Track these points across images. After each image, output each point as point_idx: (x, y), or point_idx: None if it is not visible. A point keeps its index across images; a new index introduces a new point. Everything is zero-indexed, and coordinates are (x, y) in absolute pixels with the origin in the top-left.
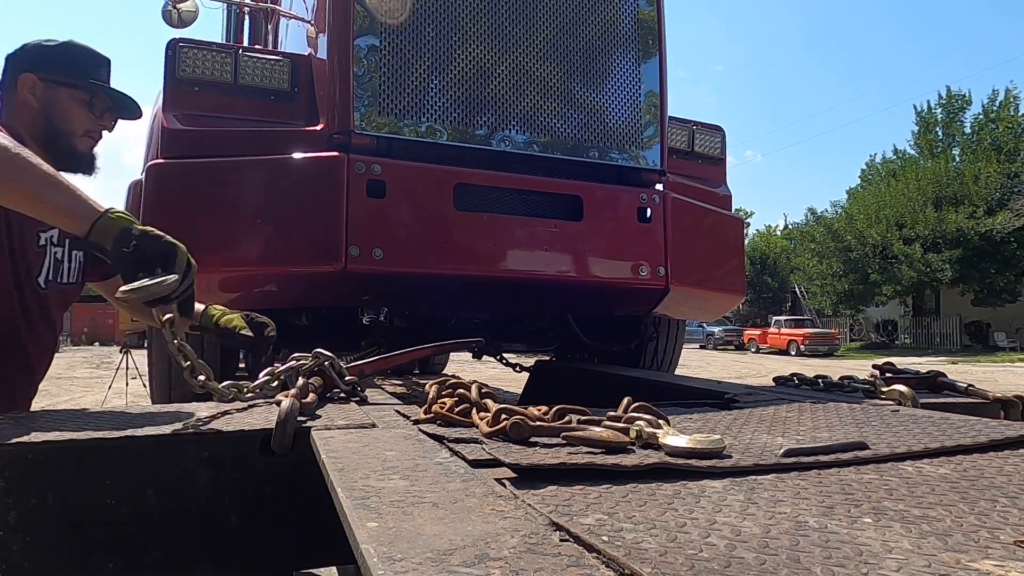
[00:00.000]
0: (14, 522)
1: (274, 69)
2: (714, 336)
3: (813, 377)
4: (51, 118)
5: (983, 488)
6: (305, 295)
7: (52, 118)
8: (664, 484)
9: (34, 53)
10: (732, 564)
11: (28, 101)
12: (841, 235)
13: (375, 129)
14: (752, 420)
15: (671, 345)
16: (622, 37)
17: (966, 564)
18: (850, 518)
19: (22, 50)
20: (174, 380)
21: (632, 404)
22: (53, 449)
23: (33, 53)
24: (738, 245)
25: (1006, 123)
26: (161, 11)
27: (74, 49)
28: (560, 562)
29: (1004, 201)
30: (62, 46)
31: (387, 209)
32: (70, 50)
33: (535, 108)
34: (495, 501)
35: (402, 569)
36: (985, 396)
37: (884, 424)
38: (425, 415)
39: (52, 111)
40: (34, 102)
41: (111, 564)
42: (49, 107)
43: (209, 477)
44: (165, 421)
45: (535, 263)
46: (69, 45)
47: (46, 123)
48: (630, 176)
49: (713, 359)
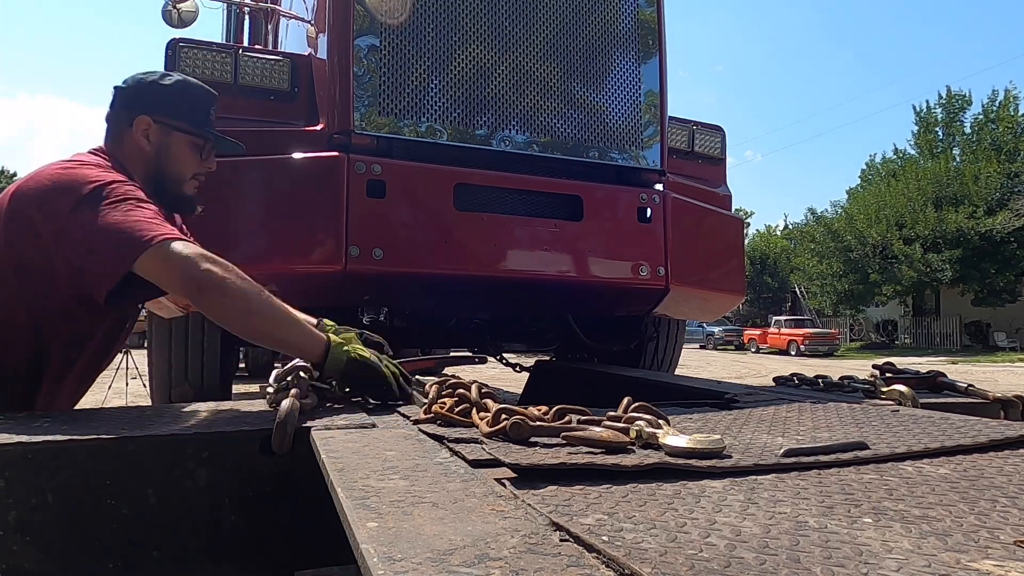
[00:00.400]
0: (14, 522)
1: (274, 69)
2: (714, 336)
3: (813, 377)
4: (163, 164)
5: (983, 488)
6: (305, 295)
7: (164, 164)
8: (664, 484)
9: (151, 92)
10: (732, 564)
11: (141, 144)
12: (841, 235)
13: (375, 129)
14: (752, 420)
15: (671, 345)
16: (622, 37)
17: (966, 564)
18: (850, 518)
19: (138, 86)
20: (174, 380)
21: (632, 404)
22: (53, 449)
23: (150, 92)
24: (738, 245)
25: (1006, 123)
26: (161, 11)
27: (189, 90)
28: (560, 562)
29: (1004, 201)
30: (178, 86)
31: (387, 209)
32: (185, 91)
33: (535, 108)
34: (495, 501)
35: (402, 569)
36: (985, 396)
37: (884, 424)
38: (425, 415)
39: (165, 157)
40: (147, 145)
41: (111, 564)
42: (162, 152)
43: (209, 477)
44: (165, 421)
45: (535, 263)
46: (185, 85)
47: (158, 169)
48: (630, 176)
49: (713, 359)
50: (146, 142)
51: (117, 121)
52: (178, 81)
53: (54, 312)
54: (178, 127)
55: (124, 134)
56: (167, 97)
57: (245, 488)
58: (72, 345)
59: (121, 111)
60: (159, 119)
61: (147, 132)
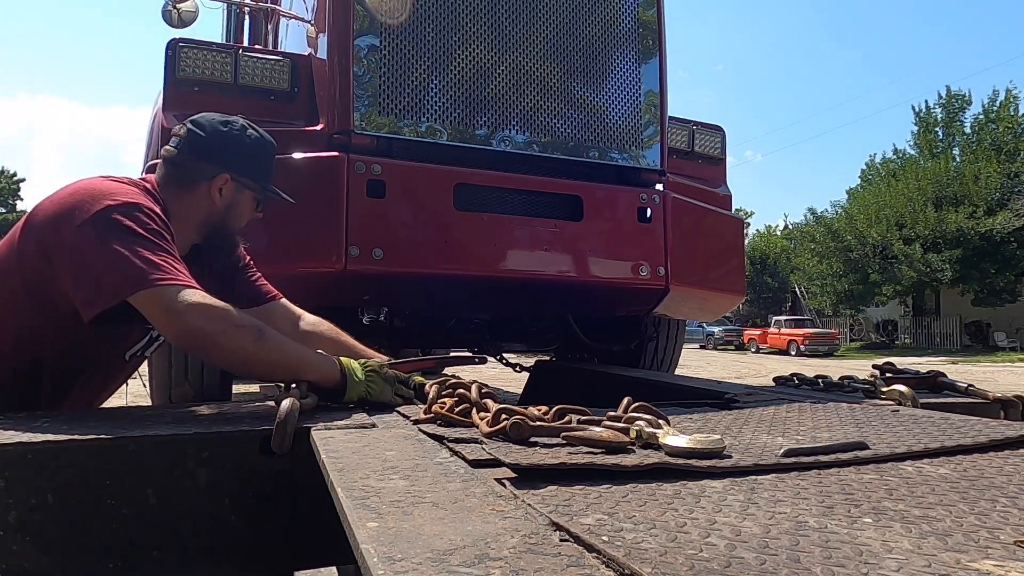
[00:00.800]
0: (14, 522)
1: (274, 69)
2: (714, 336)
3: (813, 377)
4: (228, 218)
5: (983, 488)
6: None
7: (229, 218)
8: (664, 484)
9: (232, 147)
10: (732, 564)
11: (214, 198)
12: (841, 235)
13: (375, 129)
14: (752, 420)
15: (671, 345)
16: (622, 37)
17: (966, 564)
18: (850, 518)
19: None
20: (174, 380)
21: (632, 404)
22: (53, 449)
23: (231, 147)
24: (738, 245)
25: (1006, 123)
26: (161, 11)
27: (265, 147)
28: (560, 562)
29: (1004, 201)
30: (256, 142)
31: (387, 209)
32: (261, 147)
33: (535, 108)
34: (495, 501)
35: (402, 569)
36: (985, 396)
37: (884, 424)
38: (425, 415)
39: (232, 212)
40: (219, 201)
41: (111, 564)
42: (231, 208)
43: (209, 477)
44: (165, 421)
45: (535, 263)
46: (263, 143)
47: (222, 222)
48: (630, 176)
49: (713, 359)
50: (219, 197)
51: (189, 168)
52: (255, 138)
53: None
54: (251, 187)
55: (198, 185)
56: (247, 155)
57: (245, 488)
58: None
59: (198, 162)
60: (235, 177)
61: (223, 188)
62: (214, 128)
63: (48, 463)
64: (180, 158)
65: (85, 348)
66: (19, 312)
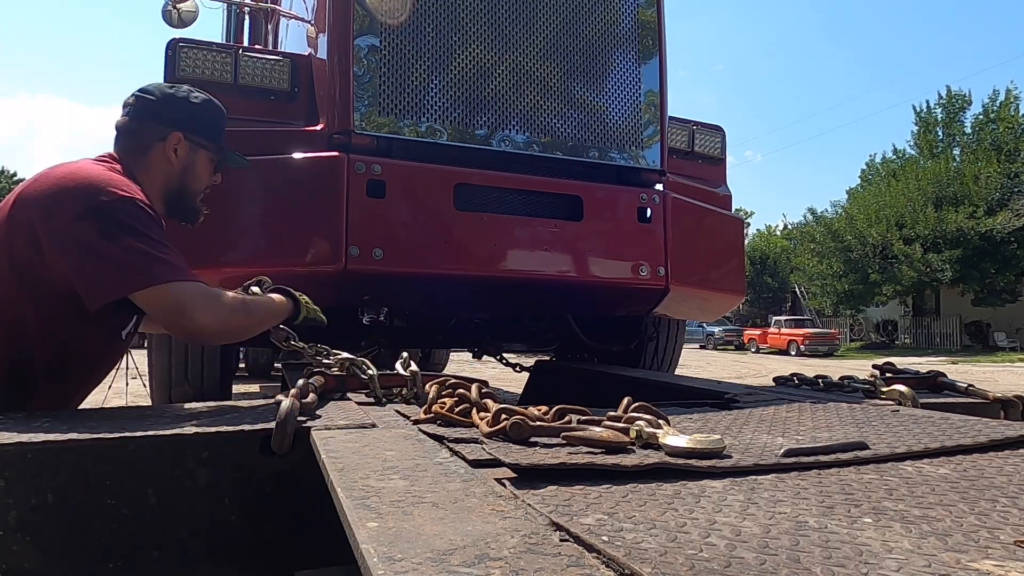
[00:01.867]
0: (14, 522)
1: (274, 69)
2: (714, 336)
3: (813, 377)
4: (186, 179)
5: (983, 488)
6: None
7: (187, 179)
8: (664, 484)
9: (183, 109)
10: (732, 564)
11: (170, 159)
12: (841, 235)
13: (375, 129)
14: (752, 420)
15: (671, 345)
16: (622, 37)
17: (966, 564)
18: (850, 518)
19: (169, 100)
20: (174, 380)
21: (632, 404)
22: (53, 449)
23: (182, 108)
24: (738, 245)
25: (1006, 123)
26: (161, 11)
27: (214, 108)
28: (560, 562)
29: (1004, 201)
30: (206, 105)
31: (387, 209)
32: (211, 109)
33: (535, 108)
34: (495, 501)
35: (402, 569)
36: (985, 396)
37: (884, 424)
38: (425, 415)
39: (189, 173)
40: (175, 161)
41: (111, 564)
42: (188, 168)
43: (209, 477)
44: (165, 421)
45: (535, 263)
46: (211, 104)
47: (180, 183)
48: (630, 176)
49: (713, 359)
50: (174, 157)
51: (143, 133)
52: (205, 99)
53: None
54: (204, 145)
55: (152, 147)
56: (198, 115)
57: (245, 488)
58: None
59: (151, 123)
60: (190, 136)
61: (177, 147)
62: (161, 92)
63: (48, 463)
64: (133, 124)
65: (80, 329)
66: (7, 295)
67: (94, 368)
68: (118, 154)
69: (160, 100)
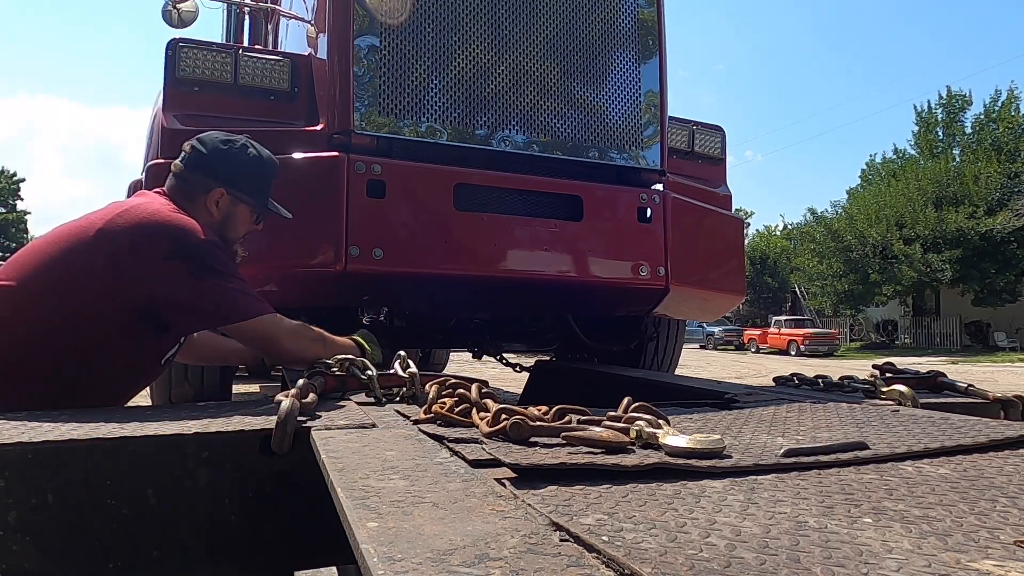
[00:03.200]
0: (14, 522)
1: (274, 69)
2: (714, 336)
3: (813, 377)
4: (224, 230)
5: (983, 488)
6: (305, 295)
7: (225, 230)
8: (664, 484)
9: (231, 164)
10: (732, 564)
11: (211, 211)
12: (841, 235)
13: (375, 129)
14: (752, 420)
15: (671, 345)
16: (622, 37)
17: (966, 564)
18: (850, 518)
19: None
20: (174, 380)
21: (632, 404)
22: (53, 449)
23: (230, 164)
24: (738, 245)
25: (1007, 123)
26: (161, 11)
27: (263, 164)
28: (560, 562)
29: (1004, 201)
30: (255, 161)
31: (387, 209)
32: (259, 165)
33: (535, 108)
34: (495, 501)
35: (402, 569)
36: (985, 396)
37: (884, 424)
38: (425, 415)
39: (228, 225)
40: (216, 214)
41: (111, 564)
42: (227, 221)
43: (209, 477)
44: (165, 421)
45: (535, 263)
46: (260, 159)
47: (219, 232)
48: (630, 176)
49: (713, 359)
50: (216, 210)
51: (192, 184)
52: (254, 155)
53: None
54: (246, 200)
55: (197, 198)
56: (245, 172)
57: (245, 488)
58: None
59: (199, 176)
60: (231, 192)
61: (219, 202)
62: (215, 146)
63: (48, 463)
64: (185, 173)
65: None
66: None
67: (129, 388)
68: (168, 193)
69: (210, 155)
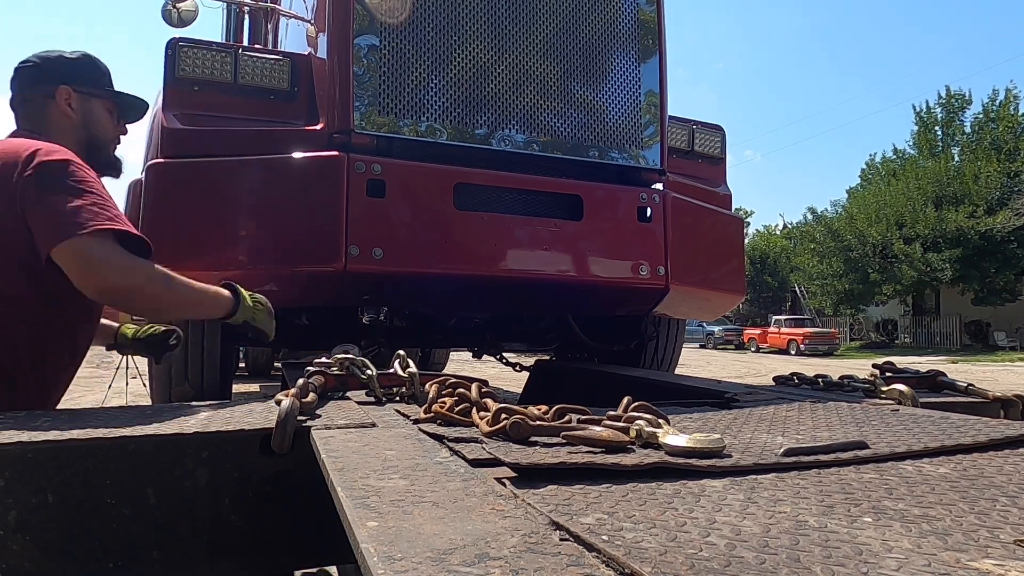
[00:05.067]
0: (14, 522)
1: (274, 69)
2: (714, 336)
3: (813, 376)
4: (90, 129)
5: (983, 487)
6: (305, 295)
7: (91, 129)
8: (664, 483)
9: (62, 65)
10: (732, 563)
11: (67, 112)
12: (841, 235)
13: (375, 129)
14: (752, 420)
15: (671, 345)
16: (622, 36)
17: (966, 563)
18: (850, 517)
19: (46, 63)
20: (174, 380)
21: (632, 404)
22: (53, 449)
23: (61, 65)
24: (738, 245)
25: (1006, 122)
26: (161, 11)
27: (93, 61)
28: (560, 561)
29: (1004, 200)
30: (85, 58)
31: (387, 209)
32: (91, 62)
33: (535, 107)
34: (495, 500)
35: (402, 569)
36: (985, 396)
37: (884, 424)
38: (425, 415)
39: (90, 122)
40: (72, 114)
41: (111, 564)
42: (87, 118)
43: (209, 477)
44: (165, 421)
45: (535, 263)
46: (89, 57)
47: (87, 135)
48: (630, 176)
49: (713, 359)
50: (70, 110)
51: (33, 99)
52: (82, 54)
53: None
54: (95, 93)
55: (46, 108)
56: (78, 68)
57: (245, 488)
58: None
59: (35, 87)
60: (78, 88)
61: (69, 100)
62: (38, 57)
63: (48, 463)
64: (22, 95)
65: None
66: None
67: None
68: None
69: (37, 65)
